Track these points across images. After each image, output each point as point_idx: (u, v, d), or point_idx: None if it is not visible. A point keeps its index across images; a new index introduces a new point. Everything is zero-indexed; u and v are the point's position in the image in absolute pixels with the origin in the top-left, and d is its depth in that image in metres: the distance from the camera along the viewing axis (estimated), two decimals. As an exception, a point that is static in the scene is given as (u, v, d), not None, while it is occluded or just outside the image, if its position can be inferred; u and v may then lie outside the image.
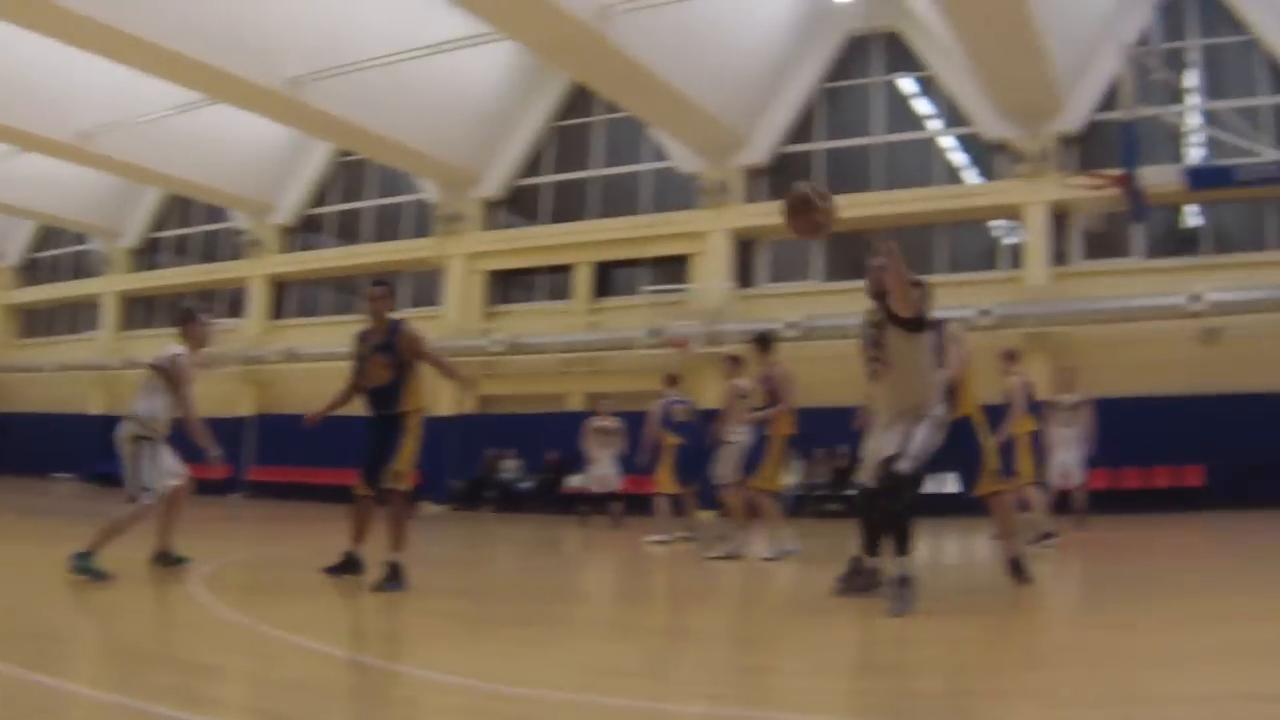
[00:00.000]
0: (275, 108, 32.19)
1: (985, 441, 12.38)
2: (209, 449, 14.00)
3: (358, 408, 14.22)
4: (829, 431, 23.87)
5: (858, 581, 11.53)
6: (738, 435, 17.98)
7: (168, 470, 13.92)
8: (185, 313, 14.29)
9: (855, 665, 8.76)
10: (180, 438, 14.13)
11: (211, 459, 13.97)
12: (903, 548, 10.35)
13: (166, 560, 13.99)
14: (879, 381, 10.99)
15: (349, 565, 13.24)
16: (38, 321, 53.63)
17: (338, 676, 7.84)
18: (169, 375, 13.98)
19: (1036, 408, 18.94)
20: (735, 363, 19.31)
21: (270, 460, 40.25)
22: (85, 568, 12.56)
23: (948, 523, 19.36)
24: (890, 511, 10.45)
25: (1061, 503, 20.68)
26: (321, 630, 9.81)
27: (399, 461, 13.22)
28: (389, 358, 13.58)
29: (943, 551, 19.19)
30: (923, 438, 10.46)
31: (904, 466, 10.29)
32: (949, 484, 13.92)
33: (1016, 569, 12.14)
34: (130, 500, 13.17)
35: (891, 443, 10.46)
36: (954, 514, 13.70)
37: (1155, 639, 9.07)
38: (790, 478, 28.11)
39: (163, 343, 14.49)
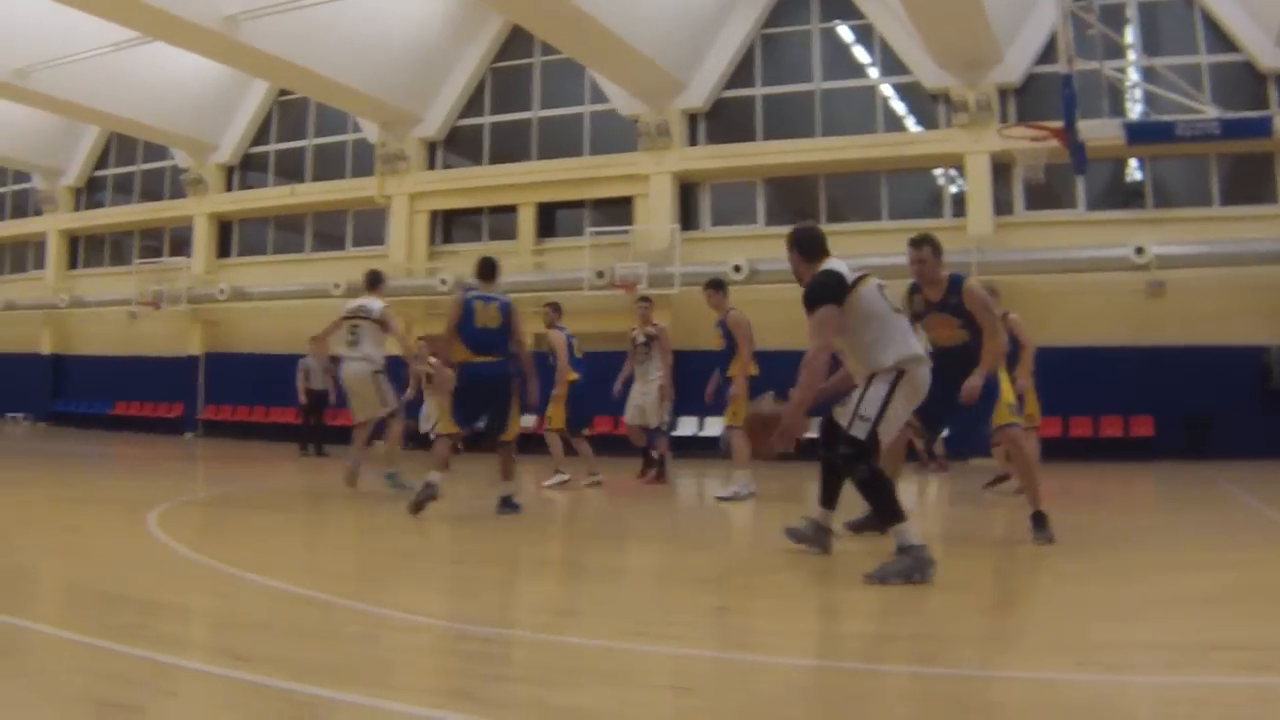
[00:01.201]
0: (211, 46, 31.52)
1: (1003, 381, 12.20)
2: (426, 370, 17.70)
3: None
4: (776, 376, 23.87)
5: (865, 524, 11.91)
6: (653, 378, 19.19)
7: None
8: (376, 275, 18.51)
9: (820, 609, 8.79)
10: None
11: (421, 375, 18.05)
12: (884, 517, 9.76)
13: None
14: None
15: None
16: (-20, 261, 53.10)
17: (298, 615, 7.80)
18: (382, 322, 17.52)
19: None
20: (648, 304, 20.42)
21: (220, 399, 40.22)
22: (397, 484, 16.97)
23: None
24: (855, 481, 9.81)
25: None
26: (280, 569, 9.82)
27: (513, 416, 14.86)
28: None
29: (916, 498, 19.14)
30: (869, 397, 9.76)
31: (855, 431, 9.69)
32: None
33: (1039, 525, 11.73)
34: (391, 417, 17.65)
35: (844, 414, 9.89)
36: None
37: (1108, 588, 9.18)
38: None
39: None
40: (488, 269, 15.53)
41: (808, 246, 10.36)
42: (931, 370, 10.14)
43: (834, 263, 10.12)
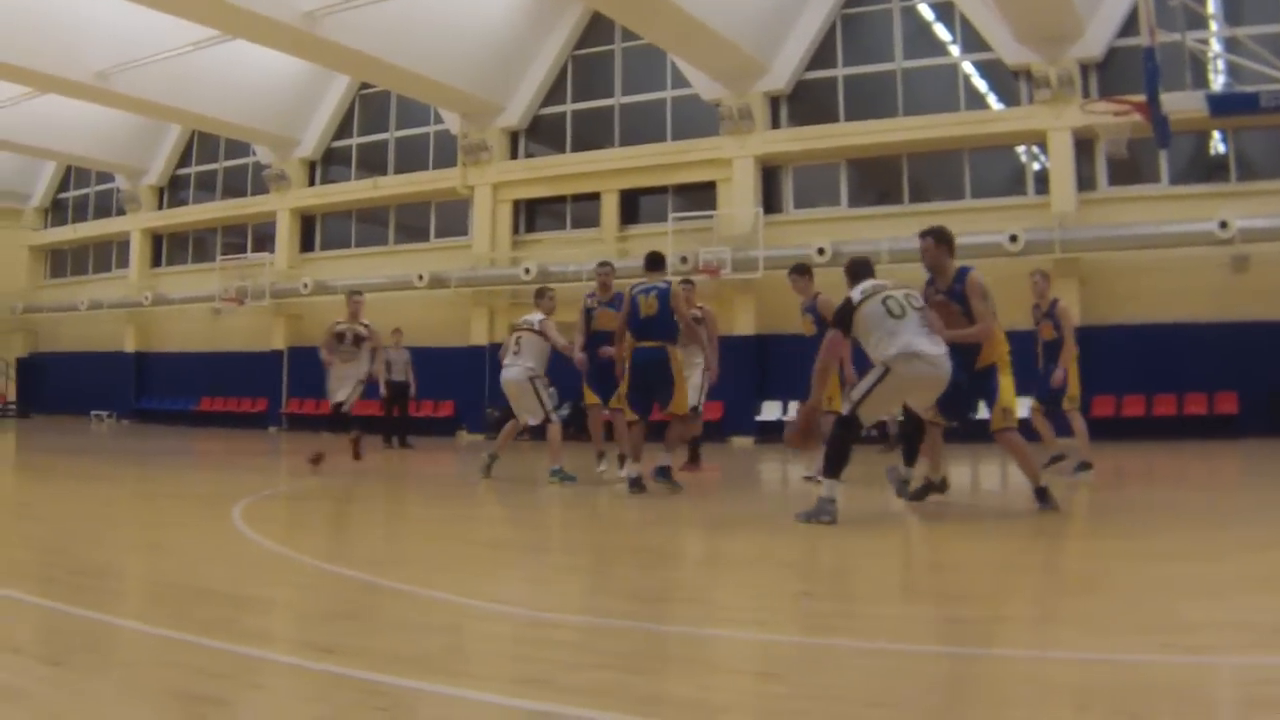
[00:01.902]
0: (291, 42, 32.11)
1: (1004, 382, 12.80)
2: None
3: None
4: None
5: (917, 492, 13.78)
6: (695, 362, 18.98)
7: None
8: (540, 290, 19.67)
9: (897, 590, 9.00)
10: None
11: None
12: (829, 469, 11.99)
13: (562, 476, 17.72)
14: None
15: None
16: (66, 262, 53.76)
17: (381, 605, 7.89)
18: (542, 333, 18.38)
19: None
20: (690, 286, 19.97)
21: (304, 393, 40.54)
22: (563, 477, 17.35)
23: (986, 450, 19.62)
24: (832, 437, 12.32)
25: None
26: (363, 560, 10.10)
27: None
28: None
29: (983, 478, 19.51)
30: (860, 384, 12.29)
31: (844, 408, 12.39)
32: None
33: (1042, 497, 12.58)
34: (548, 422, 18.18)
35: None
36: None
37: (1194, 567, 9.14)
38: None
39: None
40: (652, 261, 16.80)
41: (850, 272, 12.88)
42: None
43: (860, 286, 12.36)
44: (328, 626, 7.13)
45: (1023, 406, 14.30)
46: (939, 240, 13.07)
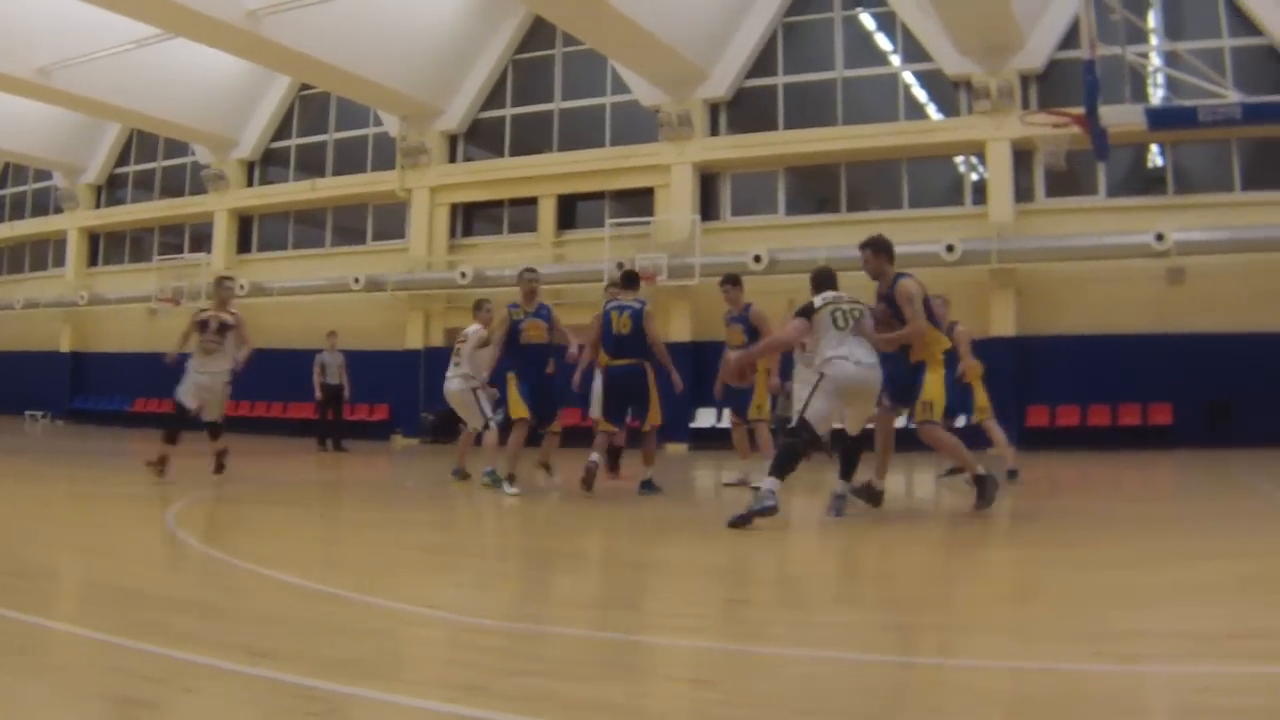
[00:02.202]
0: (232, 41, 31.70)
1: (929, 379, 13.15)
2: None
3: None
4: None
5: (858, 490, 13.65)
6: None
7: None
8: (478, 302, 20.50)
9: (831, 598, 8.90)
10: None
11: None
12: (777, 470, 12.25)
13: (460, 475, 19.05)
14: None
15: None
16: (3, 260, 52.75)
17: (315, 610, 7.80)
18: (476, 343, 19.12)
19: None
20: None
21: (239, 395, 39.73)
22: (495, 480, 17.16)
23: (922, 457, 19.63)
24: (785, 443, 12.66)
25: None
26: (296, 564, 9.93)
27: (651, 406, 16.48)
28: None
29: (918, 486, 19.45)
30: (801, 395, 13.03)
31: (793, 417, 12.89)
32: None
33: (981, 487, 13.22)
34: (485, 429, 18.85)
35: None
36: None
37: (1127, 576, 9.17)
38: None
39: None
40: (628, 279, 16.94)
41: (814, 281, 13.49)
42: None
43: (820, 295, 12.98)
44: (262, 630, 6.97)
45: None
46: (876, 250, 13.52)
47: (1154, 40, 29.08)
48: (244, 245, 42.99)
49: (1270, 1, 28.56)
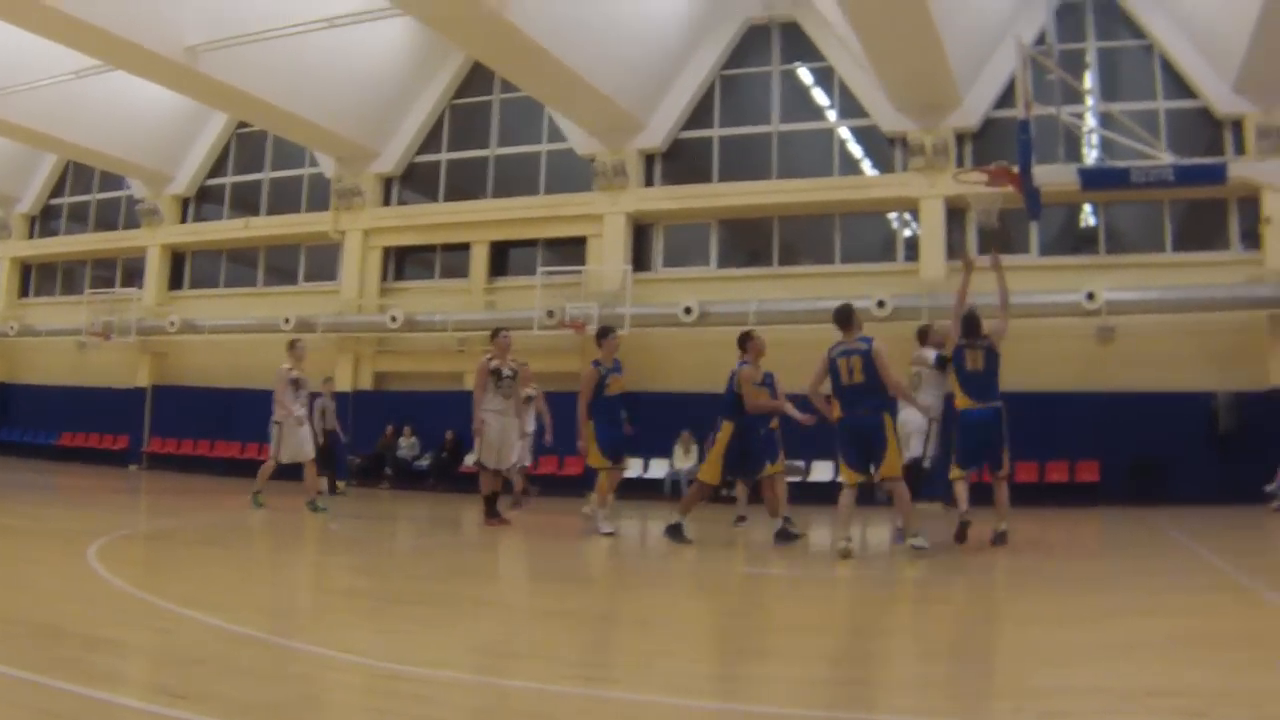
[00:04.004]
0: (172, 76, 30.73)
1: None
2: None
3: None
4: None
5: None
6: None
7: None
8: (291, 342, 21.45)
9: (754, 651, 8.52)
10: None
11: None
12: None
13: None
14: None
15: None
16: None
17: (235, 652, 7.53)
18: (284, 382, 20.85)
19: None
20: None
21: (167, 432, 39.15)
22: (315, 508, 19.77)
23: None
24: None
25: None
26: (218, 605, 9.53)
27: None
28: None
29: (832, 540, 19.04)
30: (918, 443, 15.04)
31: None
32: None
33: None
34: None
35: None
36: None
37: (1052, 633, 9.05)
38: (688, 461, 28.59)
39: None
40: (843, 316, 15.24)
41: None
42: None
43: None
44: (180, 671, 6.85)
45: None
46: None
47: (1089, 101, 29.21)
48: (176, 281, 41.72)
49: (1205, 65, 28.59)
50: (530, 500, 24.39)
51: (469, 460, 24.71)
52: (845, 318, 15.02)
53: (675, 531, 16.07)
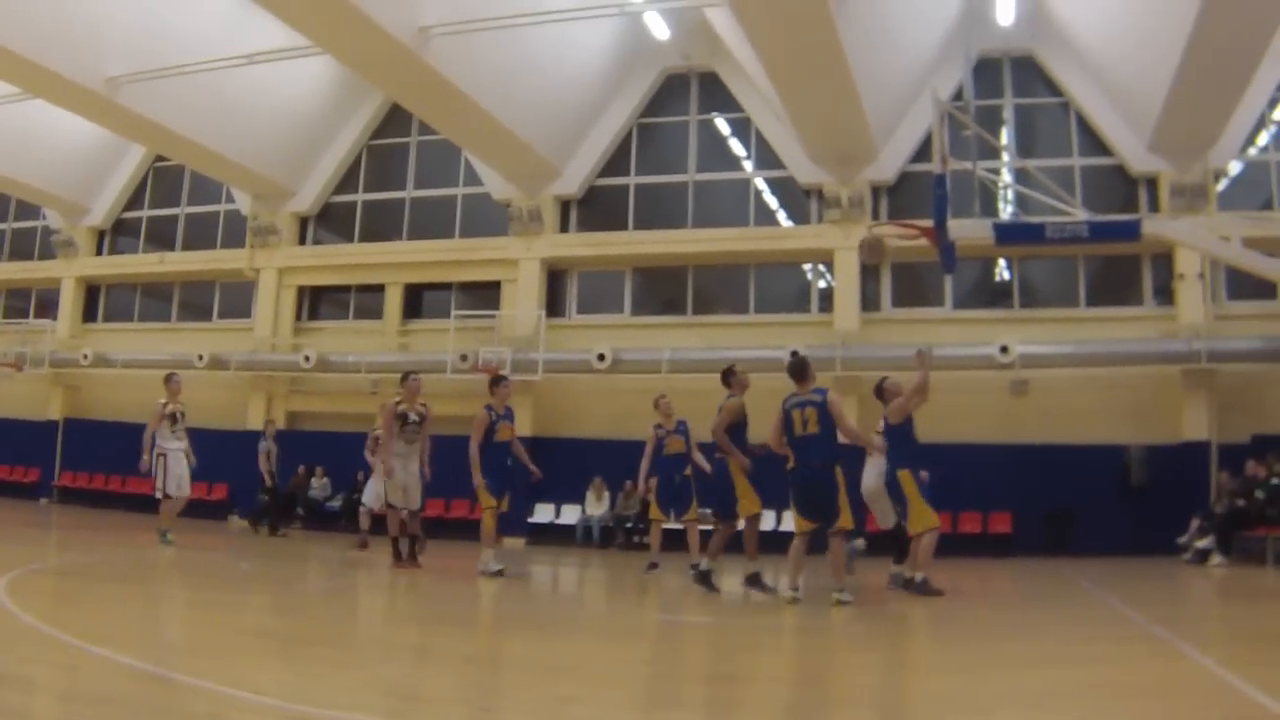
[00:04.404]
0: (92, 107, 30.02)
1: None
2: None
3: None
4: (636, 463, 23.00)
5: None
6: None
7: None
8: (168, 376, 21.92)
9: (667, 699, 8.59)
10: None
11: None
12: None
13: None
14: None
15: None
16: None
17: (144, 691, 7.42)
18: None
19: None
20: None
21: (79, 466, 38.25)
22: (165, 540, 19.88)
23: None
24: None
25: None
26: (128, 643, 9.39)
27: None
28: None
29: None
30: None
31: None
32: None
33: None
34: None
35: None
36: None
37: (969, 683, 9.03)
38: (600, 507, 28.25)
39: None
40: (797, 369, 15.39)
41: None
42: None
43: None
44: (90, 710, 6.74)
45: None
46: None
47: (1005, 157, 29.09)
48: (90, 314, 40.79)
49: (1120, 123, 28.89)
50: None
51: (366, 500, 24.21)
52: (800, 370, 15.22)
53: (754, 580, 15.84)
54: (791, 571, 14.62)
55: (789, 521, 17.34)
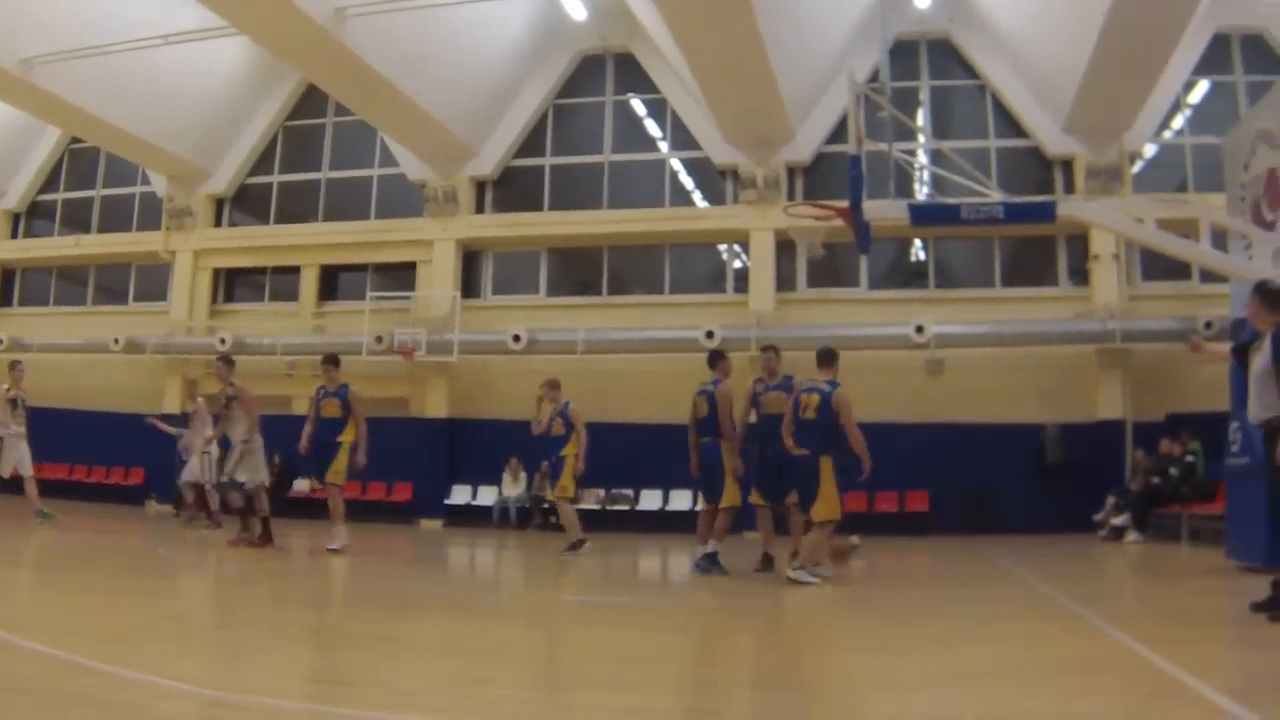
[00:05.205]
0: (5, 88, 28.79)
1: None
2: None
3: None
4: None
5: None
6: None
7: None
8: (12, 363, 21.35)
9: (581, 680, 8.26)
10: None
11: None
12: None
13: None
14: None
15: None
16: None
17: (61, 679, 6.93)
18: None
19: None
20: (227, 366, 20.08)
21: (-12, 452, 37.54)
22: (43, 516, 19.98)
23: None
24: None
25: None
26: (41, 630, 8.94)
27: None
28: None
29: (674, 568, 19.46)
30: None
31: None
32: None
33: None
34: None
35: None
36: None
37: (886, 661, 8.88)
38: (517, 489, 28.02)
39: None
40: (827, 356, 15.83)
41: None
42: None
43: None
44: (2, 700, 6.34)
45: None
46: (777, 354, 16.91)
47: (921, 138, 28.77)
48: (5, 299, 39.38)
49: (1036, 106, 28.81)
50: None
51: (240, 478, 23.65)
52: (826, 356, 15.71)
53: (711, 560, 15.85)
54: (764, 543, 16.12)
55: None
